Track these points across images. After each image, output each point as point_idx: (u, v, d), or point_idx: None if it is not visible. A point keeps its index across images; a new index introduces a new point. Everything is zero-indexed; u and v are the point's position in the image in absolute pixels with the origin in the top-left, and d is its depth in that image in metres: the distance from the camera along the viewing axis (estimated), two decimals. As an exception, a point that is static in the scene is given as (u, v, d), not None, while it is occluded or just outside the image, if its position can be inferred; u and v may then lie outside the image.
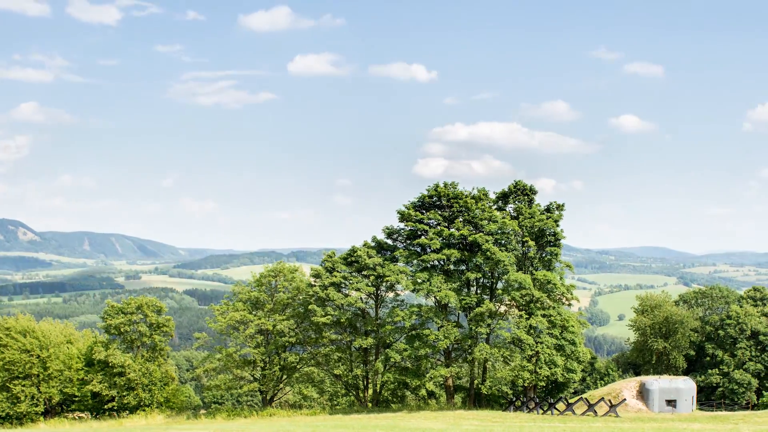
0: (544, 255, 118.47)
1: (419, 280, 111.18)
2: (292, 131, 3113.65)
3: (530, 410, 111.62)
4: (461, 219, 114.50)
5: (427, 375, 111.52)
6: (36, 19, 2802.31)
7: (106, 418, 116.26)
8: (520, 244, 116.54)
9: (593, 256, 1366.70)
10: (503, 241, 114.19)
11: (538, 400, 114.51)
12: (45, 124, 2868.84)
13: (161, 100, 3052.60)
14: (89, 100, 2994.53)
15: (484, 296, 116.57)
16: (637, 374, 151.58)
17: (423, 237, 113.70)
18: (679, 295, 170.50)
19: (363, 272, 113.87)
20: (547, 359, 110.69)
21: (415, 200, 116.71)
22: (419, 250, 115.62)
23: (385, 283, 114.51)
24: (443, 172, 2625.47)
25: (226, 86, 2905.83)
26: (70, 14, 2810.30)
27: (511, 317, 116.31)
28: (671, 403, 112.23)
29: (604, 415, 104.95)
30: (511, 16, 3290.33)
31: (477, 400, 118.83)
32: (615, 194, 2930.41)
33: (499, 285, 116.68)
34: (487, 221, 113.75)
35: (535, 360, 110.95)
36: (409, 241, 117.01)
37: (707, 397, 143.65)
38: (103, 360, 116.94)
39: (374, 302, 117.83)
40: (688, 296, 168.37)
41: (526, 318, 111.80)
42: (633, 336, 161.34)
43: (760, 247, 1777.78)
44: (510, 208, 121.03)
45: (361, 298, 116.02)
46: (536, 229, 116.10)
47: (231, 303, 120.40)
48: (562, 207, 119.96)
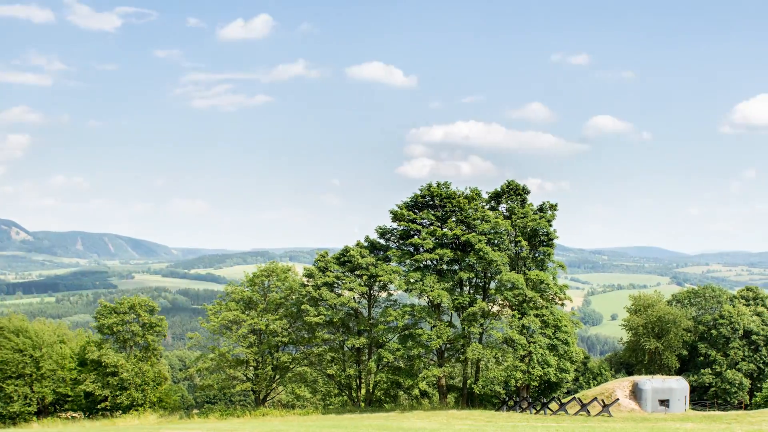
0: (537, 255, 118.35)
1: (412, 280, 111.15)
2: (284, 133, 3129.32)
3: (523, 410, 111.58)
4: (454, 219, 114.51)
5: (420, 375, 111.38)
6: (40, 26, 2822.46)
7: (99, 417, 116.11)
8: (513, 244, 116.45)
9: (586, 256, 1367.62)
10: (496, 241, 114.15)
11: (530, 400, 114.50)
12: (40, 125, 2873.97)
13: (157, 102, 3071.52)
14: (85, 103, 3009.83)
15: (477, 296, 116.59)
16: (630, 374, 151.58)
17: (416, 237, 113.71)
18: (672, 295, 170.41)
19: (356, 272, 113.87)
20: (539, 359, 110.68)
21: (408, 200, 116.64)
22: (412, 249, 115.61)
23: (377, 283, 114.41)
24: (429, 172, 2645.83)
25: (223, 90, 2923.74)
26: (72, 21, 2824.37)
27: (504, 317, 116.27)
28: (664, 402, 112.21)
29: (597, 414, 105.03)
30: (487, 22, 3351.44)
31: (470, 399, 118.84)
32: (602, 194, 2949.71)
33: (492, 285, 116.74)
34: (479, 221, 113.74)
35: (527, 360, 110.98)
36: (402, 241, 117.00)
37: (700, 397, 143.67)
38: (96, 360, 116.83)
39: (367, 302, 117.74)
40: (681, 296, 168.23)
41: (519, 318, 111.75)
42: (626, 336, 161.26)
43: (753, 247, 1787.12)
44: (503, 207, 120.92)
45: (354, 297, 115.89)
46: (529, 228, 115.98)
47: (224, 303, 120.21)
48: (555, 207, 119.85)
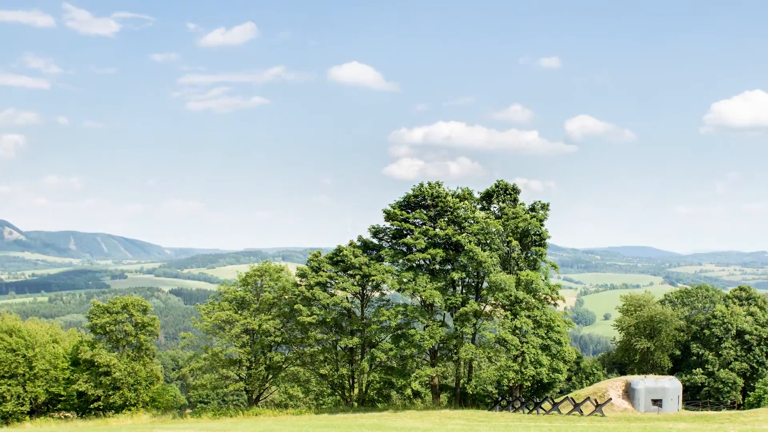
0: (529, 255, 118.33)
1: (405, 280, 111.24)
2: (276, 134, 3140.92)
3: (516, 410, 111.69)
4: (445, 219, 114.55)
5: (413, 374, 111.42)
6: (40, 31, 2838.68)
7: (92, 417, 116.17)
8: (505, 244, 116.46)
9: (579, 256, 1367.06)
10: (487, 241, 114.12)
11: (523, 400, 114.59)
12: (35, 125, 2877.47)
13: (153, 104, 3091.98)
14: (81, 104, 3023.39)
15: (470, 296, 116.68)
16: (623, 374, 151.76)
17: (408, 236, 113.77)
18: (665, 295, 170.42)
19: (349, 272, 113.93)
20: (532, 359, 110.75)
21: (401, 200, 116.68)
22: (405, 249, 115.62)
23: (370, 283, 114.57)
24: (416, 172, 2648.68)
25: (218, 93, 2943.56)
26: (71, 26, 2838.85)
27: (496, 317, 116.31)
28: (657, 402, 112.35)
29: (589, 414, 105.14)
30: (462, 27, 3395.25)
31: (462, 399, 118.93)
32: (589, 193, 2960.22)
33: (485, 285, 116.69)
34: (469, 221, 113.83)
35: (520, 360, 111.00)
36: (394, 241, 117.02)
37: (693, 397, 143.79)
38: (88, 359, 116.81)
39: (360, 302, 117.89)
40: (674, 296, 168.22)
41: (511, 318, 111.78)
42: (618, 335, 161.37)
43: (746, 247, 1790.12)
44: (494, 207, 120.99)
45: (347, 297, 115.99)
46: (520, 228, 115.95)
47: (217, 302, 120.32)
48: (546, 206, 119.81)
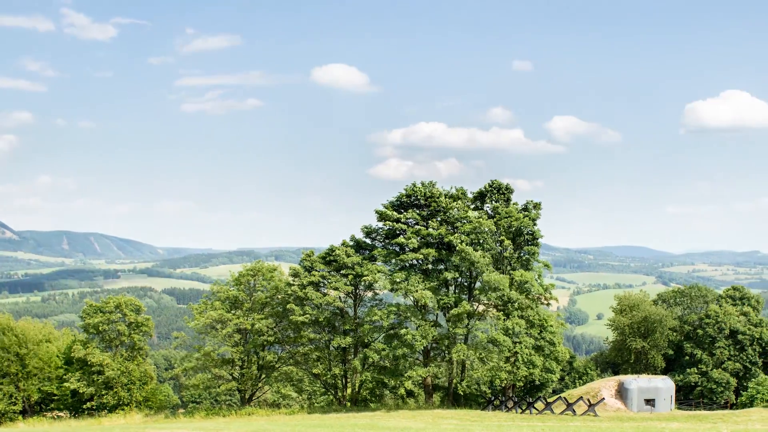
0: (521, 254, 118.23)
1: (397, 280, 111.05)
2: (268, 135, 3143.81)
3: (509, 409, 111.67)
4: (438, 219, 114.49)
5: (406, 374, 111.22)
6: (38, 35, 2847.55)
7: (85, 416, 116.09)
8: (498, 244, 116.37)
9: (572, 256, 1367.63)
10: (480, 241, 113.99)
11: (516, 400, 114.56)
12: (29, 126, 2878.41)
13: (147, 106, 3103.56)
14: (77, 106, 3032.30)
15: (462, 296, 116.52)
16: (616, 373, 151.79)
17: (401, 236, 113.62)
18: (658, 295, 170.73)
19: (341, 271, 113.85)
20: (525, 359, 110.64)
21: (393, 199, 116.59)
22: (397, 249, 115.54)
23: (363, 283, 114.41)
24: (404, 172, 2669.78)
25: (214, 95, 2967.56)
26: (70, 31, 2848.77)
27: (489, 317, 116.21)
28: (650, 402, 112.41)
29: (582, 414, 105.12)
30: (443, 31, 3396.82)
31: (455, 399, 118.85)
32: (577, 193, 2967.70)
33: (477, 285, 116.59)
34: (462, 221, 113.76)
35: (513, 360, 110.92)
36: (387, 240, 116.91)
37: (686, 397, 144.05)
38: (81, 359, 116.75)
39: (353, 301, 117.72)
40: (667, 295, 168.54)
41: (504, 319, 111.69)
42: (612, 335, 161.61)
43: (739, 247, 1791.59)
44: (487, 207, 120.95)
45: (340, 297, 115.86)
46: (513, 228, 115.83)
47: (209, 302, 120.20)
48: (539, 206, 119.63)
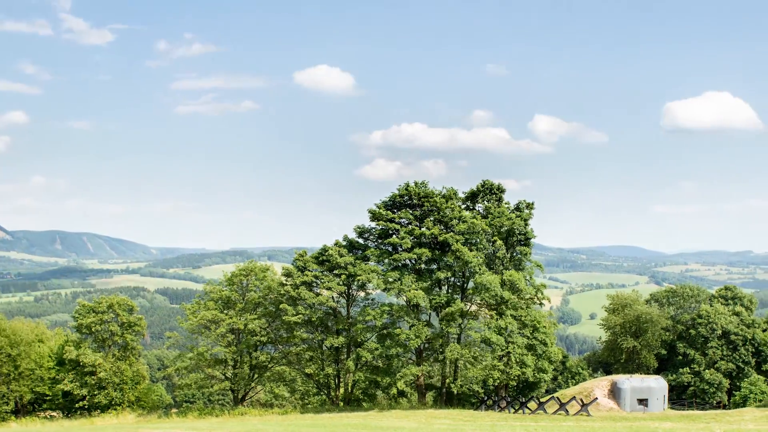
0: (514, 254, 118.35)
1: (390, 279, 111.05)
2: (261, 135, 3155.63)
3: (502, 409, 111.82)
4: (431, 218, 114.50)
5: (399, 374, 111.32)
6: (40, 39, 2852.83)
7: (78, 417, 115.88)
8: (490, 244, 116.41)
9: (565, 255, 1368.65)
10: (473, 241, 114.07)
11: (509, 399, 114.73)
12: (23, 127, 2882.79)
13: (142, 107, 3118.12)
14: (69, 107, 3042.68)
15: (455, 296, 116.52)
16: (609, 373, 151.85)
17: (394, 236, 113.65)
18: (651, 294, 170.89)
19: (334, 271, 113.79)
20: (518, 359, 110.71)
21: (386, 199, 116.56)
22: (390, 249, 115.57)
23: (356, 282, 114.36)
24: (392, 173, 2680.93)
25: (209, 98, 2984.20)
26: (69, 36, 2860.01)
27: (482, 317, 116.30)
28: (643, 402, 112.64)
29: (575, 414, 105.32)
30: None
31: (448, 399, 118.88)
32: (567, 193, 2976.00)
33: (470, 285, 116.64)
34: (456, 221, 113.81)
35: (506, 360, 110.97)
36: (380, 240, 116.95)
37: (678, 397, 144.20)
38: (74, 359, 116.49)
39: (345, 301, 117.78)
40: (660, 295, 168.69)
41: (497, 318, 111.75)
42: (604, 335, 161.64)
43: (732, 247, 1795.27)
44: (479, 207, 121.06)
45: (333, 297, 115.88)
46: (505, 228, 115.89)
47: (202, 302, 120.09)
48: (531, 206, 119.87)
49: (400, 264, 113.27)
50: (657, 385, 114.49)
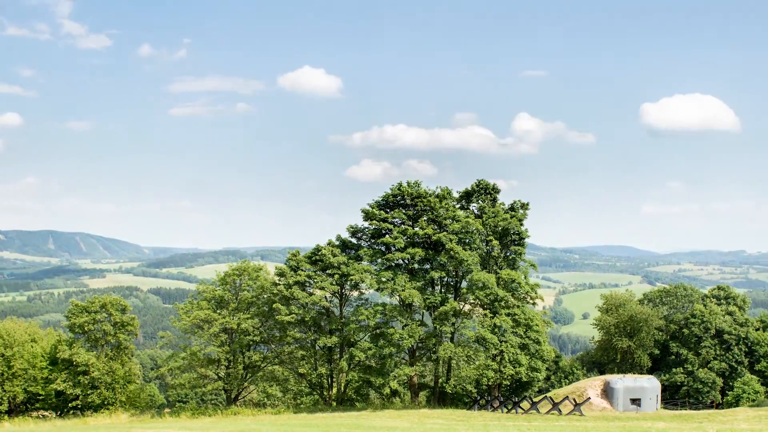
0: (508, 254, 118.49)
1: (383, 279, 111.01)
2: (254, 135, 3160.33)
3: (495, 409, 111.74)
4: (425, 218, 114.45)
5: (392, 374, 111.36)
6: (39, 44, 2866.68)
7: (71, 416, 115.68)
8: (485, 243, 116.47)
9: (558, 255, 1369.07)
10: (467, 240, 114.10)
11: (502, 399, 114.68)
12: (16, 128, 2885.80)
13: (136, 108, 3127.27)
14: (63, 108, 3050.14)
15: (449, 295, 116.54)
16: (602, 373, 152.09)
17: (387, 236, 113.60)
18: (644, 294, 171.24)
19: (327, 271, 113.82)
20: (511, 358, 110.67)
21: (380, 199, 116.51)
22: (384, 248, 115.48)
23: (349, 282, 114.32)
24: (380, 173, 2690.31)
25: (204, 100, 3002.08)
26: (67, 40, 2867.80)
27: (475, 316, 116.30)
28: (636, 401, 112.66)
29: (568, 413, 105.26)
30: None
31: (441, 398, 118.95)
32: (558, 193, 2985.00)
33: (464, 284, 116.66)
34: (450, 220, 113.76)
35: (499, 359, 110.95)
36: (373, 240, 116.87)
37: (672, 396, 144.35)
38: (67, 359, 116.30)
39: (339, 301, 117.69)
40: (653, 295, 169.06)
41: (491, 317, 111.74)
42: (597, 335, 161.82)
43: (725, 246, 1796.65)
44: (473, 207, 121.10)
45: (326, 296, 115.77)
46: (500, 228, 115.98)
47: (195, 302, 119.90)
48: (526, 206, 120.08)
49: (393, 264, 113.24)
50: (650, 385, 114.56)
